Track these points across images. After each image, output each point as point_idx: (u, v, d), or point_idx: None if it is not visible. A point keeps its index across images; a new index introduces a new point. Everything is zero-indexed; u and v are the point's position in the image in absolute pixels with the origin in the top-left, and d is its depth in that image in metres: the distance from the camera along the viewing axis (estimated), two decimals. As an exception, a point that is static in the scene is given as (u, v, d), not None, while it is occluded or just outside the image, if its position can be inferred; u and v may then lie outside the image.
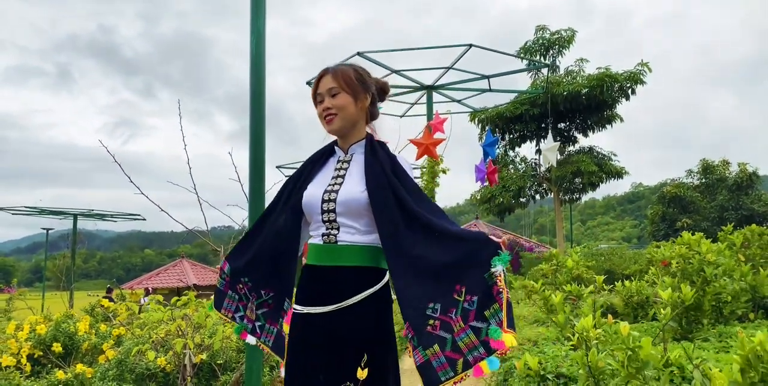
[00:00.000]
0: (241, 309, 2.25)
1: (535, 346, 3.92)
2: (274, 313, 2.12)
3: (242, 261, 2.20)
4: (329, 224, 1.96)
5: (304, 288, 2.00)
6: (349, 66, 2.10)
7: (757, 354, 2.01)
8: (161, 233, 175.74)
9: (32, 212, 15.60)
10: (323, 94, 2.03)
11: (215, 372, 4.33)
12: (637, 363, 2.02)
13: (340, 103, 2.02)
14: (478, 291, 1.82)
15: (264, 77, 3.34)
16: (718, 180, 28.12)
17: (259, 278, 2.16)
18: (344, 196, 1.95)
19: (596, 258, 11.10)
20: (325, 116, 2.03)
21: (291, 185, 2.10)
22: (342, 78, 2.03)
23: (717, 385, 1.99)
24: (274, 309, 2.12)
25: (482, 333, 1.79)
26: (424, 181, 8.16)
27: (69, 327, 4.60)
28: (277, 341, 2.12)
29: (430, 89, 8.63)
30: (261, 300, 2.18)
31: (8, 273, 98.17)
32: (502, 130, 21.82)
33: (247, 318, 2.23)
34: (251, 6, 4.13)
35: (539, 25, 22.13)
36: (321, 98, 2.04)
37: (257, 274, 2.16)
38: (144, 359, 4.00)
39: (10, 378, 3.90)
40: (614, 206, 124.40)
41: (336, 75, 2.04)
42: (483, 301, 1.81)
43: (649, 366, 2.01)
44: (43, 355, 4.44)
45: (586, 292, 4.80)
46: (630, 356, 2.05)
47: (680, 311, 5.29)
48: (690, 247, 5.47)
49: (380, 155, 2.04)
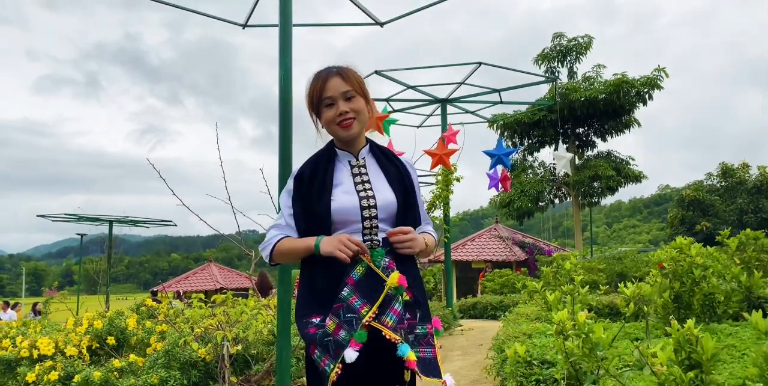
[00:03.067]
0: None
1: (529, 338, 4.41)
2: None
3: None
4: (370, 230, 1.94)
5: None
6: (351, 68, 2.05)
7: (687, 338, 2.52)
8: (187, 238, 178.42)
9: (71, 218, 16.41)
10: (335, 97, 1.96)
11: (248, 362, 4.92)
12: (590, 344, 2.53)
13: (359, 106, 1.98)
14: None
15: (291, 109, 3.90)
16: (737, 183, 28.12)
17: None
18: (383, 201, 1.94)
19: (608, 261, 11.49)
20: (341, 121, 1.96)
21: (306, 194, 1.98)
22: (355, 80, 2.00)
23: (654, 362, 2.51)
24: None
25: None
26: (439, 189, 8.69)
27: (120, 323, 5.22)
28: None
29: (444, 102, 9.18)
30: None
31: (40, 277, 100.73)
32: (520, 135, 22.27)
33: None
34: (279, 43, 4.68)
35: (556, 32, 22.56)
36: (331, 101, 1.96)
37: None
38: (188, 349, 4.59)
39: (74, 366, 4.53)
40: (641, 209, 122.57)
41: (348, 77, 1.99)
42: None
43: (598, 347, 2.53)
44: (99, 347, 5.06)
45: (583, 292, 5.28)
46: (584, 339, 2.56)
47: (672, 309, 5.77)
48: (681, 250, 5.92)
49: (393, 160, 2.08)
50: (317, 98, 1.98)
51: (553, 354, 3.64)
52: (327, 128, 2.03)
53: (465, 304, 11.41)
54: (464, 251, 23.33)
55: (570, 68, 22.35)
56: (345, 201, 1.92)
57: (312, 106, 2.04)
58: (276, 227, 2.03)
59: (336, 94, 1.95)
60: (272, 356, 4.81)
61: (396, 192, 1.97)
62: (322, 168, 2.00)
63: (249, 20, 6.31)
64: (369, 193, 1.95)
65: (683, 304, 5.73)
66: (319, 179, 1.97)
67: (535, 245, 23.10)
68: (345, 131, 1.97)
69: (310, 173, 2.00)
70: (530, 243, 23.73)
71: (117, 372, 4.52)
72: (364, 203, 1.93)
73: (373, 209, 1.93)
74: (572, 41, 22.18)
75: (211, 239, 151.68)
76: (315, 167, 2.01)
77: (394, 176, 2.02)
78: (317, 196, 1.94)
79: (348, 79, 1.97)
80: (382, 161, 2.06)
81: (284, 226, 2.01)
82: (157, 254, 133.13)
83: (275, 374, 4.06)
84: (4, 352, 4.80)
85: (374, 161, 2.06)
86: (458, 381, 4.82)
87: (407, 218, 1.99)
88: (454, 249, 23.54)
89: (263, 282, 9.90)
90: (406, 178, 2.05)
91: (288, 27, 4.74)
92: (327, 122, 1.99)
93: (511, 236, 24.31)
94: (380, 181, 2.00)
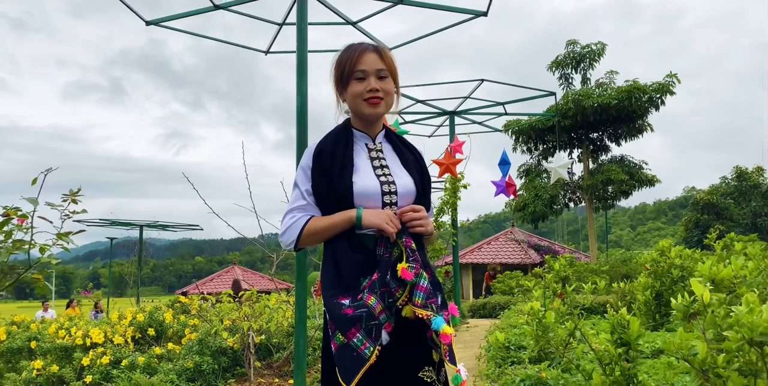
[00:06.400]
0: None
1: (513, 329, 5.03)
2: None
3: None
4: None
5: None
6: (387, 50, 1.99)
7: (620, 323, 3.14)
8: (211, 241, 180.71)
9: (104, 223, 17.29)
10: (369, 72, 1.88)
11: (271, 351, 5.61)
12: (542, 327, 3.16)
13: (389, 88, 1.91)
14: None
15: (307, 131, 4.56)
16: (752, 187, 28.22)
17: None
18: (404, 188, 1.89)
19: (613, 264, 12.02)
20: (369, 97, 1.87)
21: (327, 172, 1.87)
22: (391, 61, 1.94)
23: (593, 341, 3.13)
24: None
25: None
26: (447, 195, 9.32)
27: (159, 317, 5.95)
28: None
29: (452, 115, 9.83)
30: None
31: (68, 280, 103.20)
32: (534, 140, 22.76)
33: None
34: (297, 71, 5.34)
35: (570, 40, 23.02)
36: (363, 75, 1.88)
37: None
38: (218, 338, 5.29)
39: (121, 352, 5.25)
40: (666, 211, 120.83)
41: (385, 57, 1.93)
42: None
43: (548, 329, 3.15)
44: (141, 337, 5.79)
45: (569, 289, 5.87)
46: (538, 323, 3.19)
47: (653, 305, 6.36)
48: (662, 252, 6.51)
49: (410, 148, 2.05)
50: (349, 69, 1.89)
51: (527, 340, 4.27)
52: (351, 102, 1.93)
53: (475, 304, 12.02)
54: (480, 253, 23.90)
55: (583, 75, 22.80)
56: (367, 184, 1.85)
57: (339, 78, 1.94)
58: (297, 209, 1.91)
59: (370, 69, 1.88)
60: (291, 345, 5.49)
61: (414, 180, 1.94)
62: (341, 147, 1.91)
63: (271, 47, 7.02)
64: (389, 178, 1.90)
65: (663, 301, 6.35)
66: (338, 159, 1.88)
67: (550, 248, 23.58)
68: (371, 108, 1.89)
69: (331, 151, 1.90)
70: (545, 246, 24.23)
71: (157, 358, 5.23)
72: (385, 189, 1.87)
73: (393, 196, 1.87)
74: (585, 48, 22.63)
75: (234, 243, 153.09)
76: (335, 145, 1.92)
77: (412, 164, 1.98)
78: (338, 176, 1.85)
79: (385, 58, 1.92)
80: (400, 147, 2.01)
81: (306, 205, 1.91)
82: (182, 258, 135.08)
83: (293, 361, 4.72)
84: (62, 341, 5.55)
85: (390, 147, 2.01)
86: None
87: (422, 204, 1.95)
88: (470, 252, 24.13)
89: (237, 287, 12.21)
90: (423, 167, 2.02)
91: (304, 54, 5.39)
92: (354, 96, 1.89)
93: (526, 240, 24.83)
94: (398, 167, 1.95)
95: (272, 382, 5.17)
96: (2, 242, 2.19)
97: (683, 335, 2.13)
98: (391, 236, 1.78)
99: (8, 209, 2.24)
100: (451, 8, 5.53)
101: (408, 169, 1.95)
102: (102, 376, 4.90)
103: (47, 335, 5.87)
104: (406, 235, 1.82)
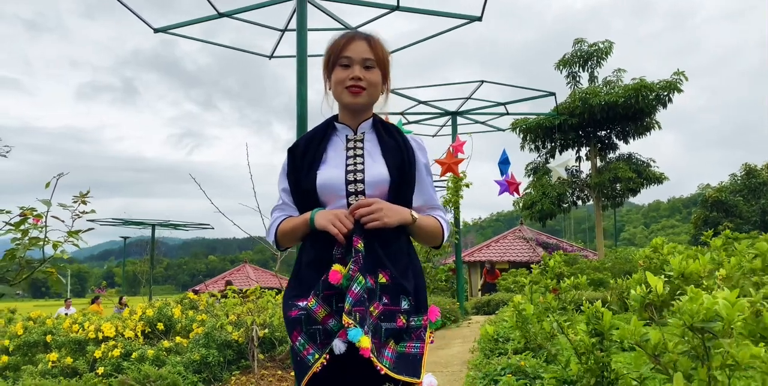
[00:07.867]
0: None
1: (505, 322, 5.23)
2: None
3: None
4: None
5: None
6: (381, 40, 1.89)
7: (596, 315, 3.34)
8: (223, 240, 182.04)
9: (117, 223, 17.66)
10: (354, 60, 1.80)
11: (274, 344, 5.84)
12: (522, 319, 3.36)
13: (374, 79, 1.83)
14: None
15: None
16: (760, 184, 28.13)
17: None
18: (372, 177, 1.77)
19: (615, 261, 12.17)
20: (350, 85, 1.80)
21: (298, 168, 1.84)
22: (381, 52, 1.85)
23: (569, 332, 3.33)
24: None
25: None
26: (449, 194, 9.52)
27: (168, 312, 6.20)
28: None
29: (454, 115, 10.02)
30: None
31: (83, 279, 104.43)
32: (542, 139, 22.88)
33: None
34: (297, 74, 5.56)
35: (577, 38, 23.11)
36: (348, 63, 1.81)
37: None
38: (224, 332, 5.53)
39: (131, 345, 5.51)
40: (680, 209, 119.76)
41: (374, 46, 1.84)
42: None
43: (527, 321, 3.35)
44: (151, 331, 6.05)
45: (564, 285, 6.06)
46: (518, 315, 3.39)
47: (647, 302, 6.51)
48: (655, 249, 6.68)
49: (395, 136, 1.89)
50: (335, 55, 1.83)
51: (515, 332, 4.47)
52: (333, 90, 1.87)
53: (480, 301, 12.19)
54: (488, 251, 24.04)
55: (591, 73, 22.88)
56: (330, 175, 1.78)
57: (326, 64, 1.89)
58: (277, 208, 1.91)
59: (356, 57, 1.80)
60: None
61: (390, 167, 1.79)
62: (315, 142, 1.87)
63: (275, 51, 7.26)
64: (358, 167, 1.79)
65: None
66: (310, 154, 1.84)
67: (558, 246, 23.68)
68: (351, 97, 1.82)
69: (304, 146, 1.88)
70: (554, 244, 24.33)
71: (166, 351, 5.48)
72: (350, 177, 1.77)
73: (359, 184, 1.76)
74: (593, 46, 22.70)
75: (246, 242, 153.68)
76: (309, 141, 1.89)
77: (391, 150, 1.84)
78: (306, 171, 1.81)
79: (374, 48, 1.83)
80: (382, 135, 1.88)
81: (284, 205, 1.90)
82: (195, 257, 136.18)
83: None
84: (75, 334, 5.83)
85: (374, 136, 1.89)
86: (452, 361, 5.64)
87: (400, 196, 1.81)
88: (478, 250, 24.29)
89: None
90: (406, 154, 1.84)
91: (304, 59, 5.61)
92: (336, 83, 1.83)
93: (535, 238, 24.95)
94: (376, 155, 1.83)
95: (275, 374, 5.41)
96: (20, 240, 2.43)
97: (636, 323, 2.32)
98: (336, 236, 1.67)
99: (25, 209, 2.48)
100: (445, 14, 5.74)
101: (386, 157, 1.82)
102: (113, 368, 5.15)
103: (62, 329, 6.14)
104: (357, 233, 1.69)
